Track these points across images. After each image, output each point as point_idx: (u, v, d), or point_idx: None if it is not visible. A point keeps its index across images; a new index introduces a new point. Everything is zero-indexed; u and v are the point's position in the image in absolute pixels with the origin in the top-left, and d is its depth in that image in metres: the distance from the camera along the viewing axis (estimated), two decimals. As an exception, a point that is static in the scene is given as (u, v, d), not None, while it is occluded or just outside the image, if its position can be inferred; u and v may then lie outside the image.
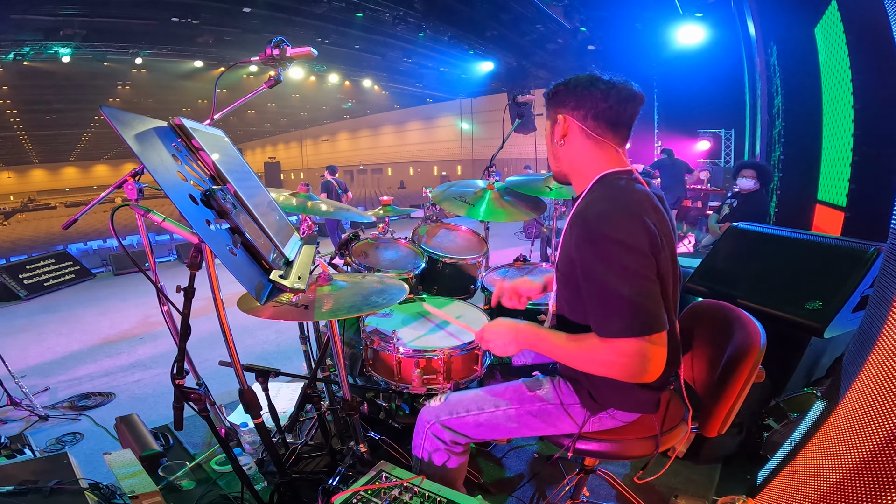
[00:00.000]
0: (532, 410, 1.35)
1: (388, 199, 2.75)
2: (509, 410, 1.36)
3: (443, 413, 1.38)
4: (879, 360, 1.27)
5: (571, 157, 1.29)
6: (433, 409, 1.40)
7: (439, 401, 1.41)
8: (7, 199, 28.51)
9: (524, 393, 1.38)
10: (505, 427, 1.36)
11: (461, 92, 18.42)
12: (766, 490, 1.72)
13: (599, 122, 1.22)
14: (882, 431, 1.12)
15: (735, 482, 2.00)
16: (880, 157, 2.97)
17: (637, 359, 1.07)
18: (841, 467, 1.25)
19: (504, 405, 1.36)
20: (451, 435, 1.36)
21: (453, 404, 1.39)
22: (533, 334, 1.27)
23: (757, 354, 1.24)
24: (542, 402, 1.36)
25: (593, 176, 1.25)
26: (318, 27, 9.87)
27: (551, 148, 1.33)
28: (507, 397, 1.38)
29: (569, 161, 1.30)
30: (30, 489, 1.52)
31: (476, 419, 1.36)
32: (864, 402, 1.27)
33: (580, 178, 1.29)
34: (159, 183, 0.92)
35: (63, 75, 12.29)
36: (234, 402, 2.77)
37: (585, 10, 9.20)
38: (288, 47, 1.70)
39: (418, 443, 1.41)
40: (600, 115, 1.21)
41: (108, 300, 5.93)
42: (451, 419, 1.36)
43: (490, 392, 1.41)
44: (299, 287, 1.17)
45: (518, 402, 1.36)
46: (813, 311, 2.01)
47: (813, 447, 1.52)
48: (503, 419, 1.36)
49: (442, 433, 1.36)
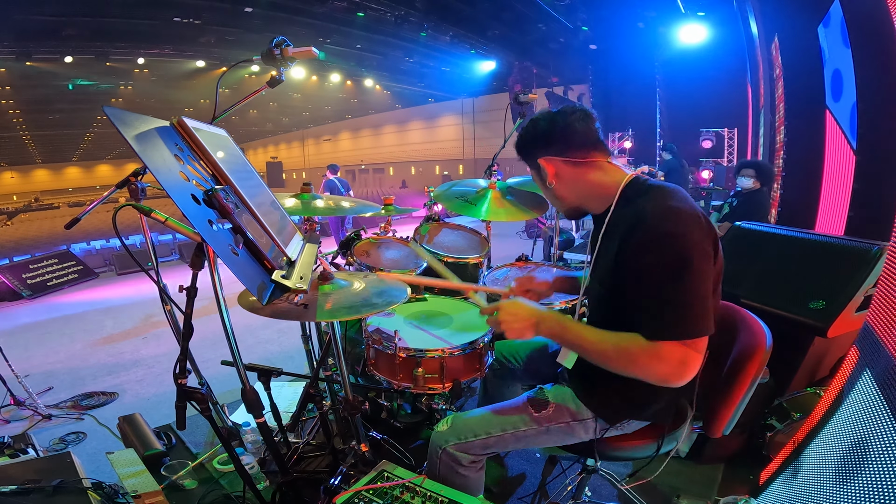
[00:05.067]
0: (540, 430, 1.35)
1: (391, 198, 2.75)
2: (517, 433, 1.35)
3: (451, 438, 1.37)
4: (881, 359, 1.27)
5: (574, 188, 1.30)
6: (441, 434, 1.39)
7: (446, 426, 1.40)
8: (10, 199, 28.60)
9: (531, 414, 1.36)
10: (514, 446, 1.37)
11: (463, 91, 18.41)
12: (769, 490, 1.71)
13: (578, 147, 1.26)
14: (885, 432, 1.12)
15: (737, 482, 1.99)
16: (884, 155, 2.96)
17: (677, 364, 1.06)
18: (843, 467, 1.24)
19: (511, 428, 1.35)
20: (464, 457, 1.35)
21: (460, 429, 1.38)
22: (559, 324, 1.22)
23: (763, 355, 1.23)
24: (550, 423, 1.35)
25: (611, 189, 1.25)
26: (320, 27, 9.87)
27: (549, 193, 1.35)
28: (513, 420, 1.36)
29: (574, 193, 1.31)
30: (33, 488, 1.52)
31: (484, 443, 1.35)
32: (867, 402, 1.27)
33: (598, 199, 1.28)
34: (161, 183, 0.92)
35: (65, 75, 12.32)
36: (237, 401, 2.79)
37: (587, 10, 9.18)
38: (290, 47, 1.70)
39: (434, 463, 1.39)
40: (576, 142, 1.25)
41: (110, 300, 5.95)
42: (460, 444, 1.35)
43: (496, 413, 1.39)
44: (301, 287, 1.17)
45: (525, 425, 1.35)
46: (816, 310, 2.00)
47: (816, 447, 1.52)
48: (512, 441, 1.35)
49: (453, 456, 1.36)
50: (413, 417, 2.30)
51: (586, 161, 1.26)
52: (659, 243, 1.08)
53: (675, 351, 1.05)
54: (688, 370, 1.06)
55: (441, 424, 1.42)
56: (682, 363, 1.05)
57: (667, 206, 1.12)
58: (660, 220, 1.09)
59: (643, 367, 1.08)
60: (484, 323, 1.93)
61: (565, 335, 1.22)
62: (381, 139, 28.52)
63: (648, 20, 8.77)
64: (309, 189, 2.11)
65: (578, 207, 1.34)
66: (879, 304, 1.45)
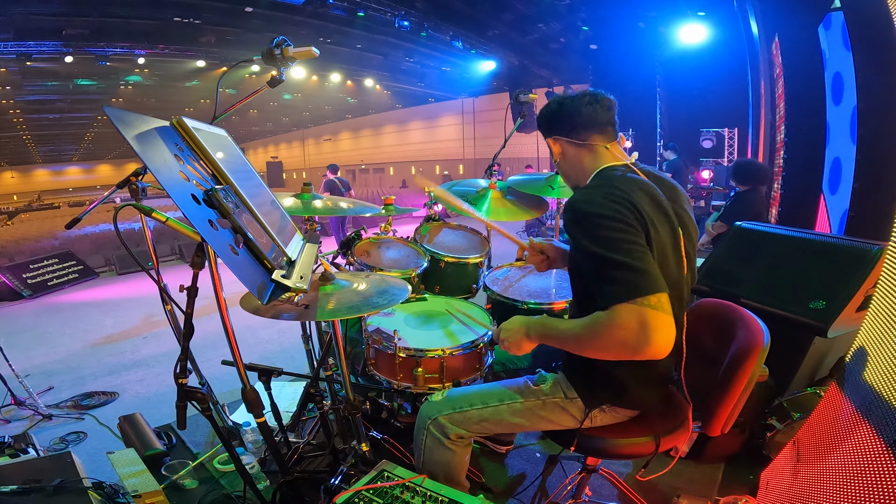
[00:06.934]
0: (536, 405, 1.36)
1: (391, 198, 2.75)
2: (514, 404, 1.36)
3: (445, 408, 1.38)
4: (882, 359, 1.27)
5: (572, 166, 1.40)
6: (434, 404, 1.41)
7: (440, 396, 1.42)
8: (11, 199, 28.60)
9: (528, 387, 1.39)
10: (508, 422, 1.37)
11: (463, 91, 18.40)
12: (769, 490, 1.71)
13: (579, 130, 1.35)
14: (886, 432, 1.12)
15: (738, 482, 1.99)
16: (884, 155, 2.96)
17: (637, 326, 1.05)
18: (844, 467, 1.25)
19: (508, 399, 1.37)
20: (454, 430, 1.36)
21: (455, 399, 1.40)
22: (541, 325, 1.28)
23: (760, 354, 1.23)
24: (546, 396, 1.36)
25: (591, 173, 1.34)
26: (320, 27, 9.87)
27: (558, 170, 1.49)
28: (510, 391, 1.39)
29: (572, 170, 1.41)
30: (33, 488, 1.52)
31: (480, 413, 1.36)
32: (867, 402, 1.27)
33: (584, 180, 1.37)
34: (161, 183, 0.92)
35: (66, 75, 12.33)
36: (237, 401, 2.79)
37: (587, 10, 9.17)
38: (290, 47, 1.70)
39: (419, 438, 1.41)
40: (579, 124, 1.34)
41: (111, 299, 5.95)
42: (454, 414, 1.37)
43: (493, 387, 1.42)
44: (301, 287, 1.17)
45: (522, 396, 1.37)
46: (816, 310, 2.00)
47: (816, 447, 1.52)
48: (507, 413, 1.36)
49: (443, 428, 1.37)
50: (413, 417, 2.29)
51: (585, 143, 1.35)
52: (574, 216, 1.18)
53: (630, 313, 1.05)
54: (653, 332, 1.04)
55: (435, 395, 1.43)
56: (642, 324, 1.04)
57: (593, 190, 1.23)
58: (577, 200, 1.20)
59: (607, 338, 1.09)
60: (483, 321, 1.95)
61: (548, 333, 1.27)
62: (381, 139, 28.52)
63: (649, 20, 8.76)
64: (309, 189, 2.12)
65: (577, 184, 1.42)
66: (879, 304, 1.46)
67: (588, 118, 1.33)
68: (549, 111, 1.40)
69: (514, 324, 1.33)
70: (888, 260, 1.44)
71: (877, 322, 1.42)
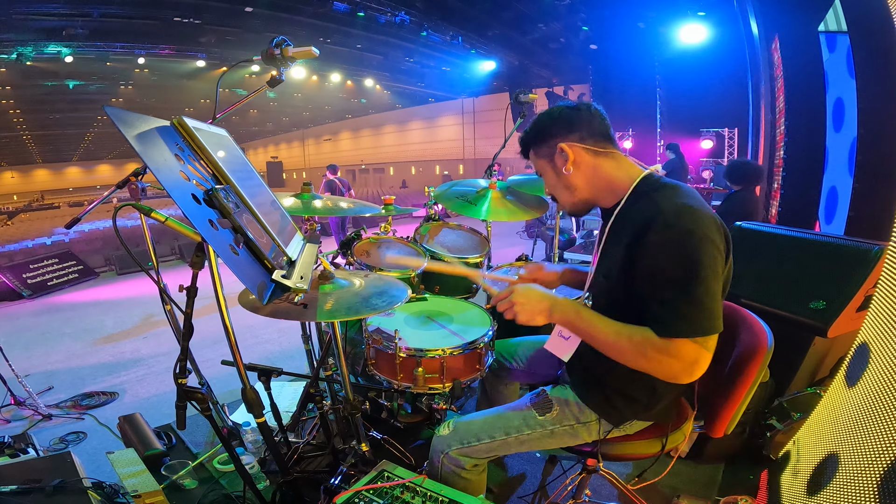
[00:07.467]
0: (544, 434, 1.35)
1: (391, 198, 2.75)
2: (521, 436, 1.35)
3: (454, 442, 1.36)
4: (882, 360, 1.27)
5: (590, 178, 1.28)
6: (443, 438, 1.39)
7: (448, 429, 1.40)
8: (11, 199, 28.60)
9: (534, 418, 1.36)
10: (517, 449, 1.37)
11: (463, 91, 18.40)
12: (769, 490, 1.71)
13: (598, 138, 1.26)
14: (887, 432, 1.12)
15: (738, 482, 1.99)
16: (884, 156, 2.96)
17: (689, 362, 1.06)
18: (844, 467, 1.24)
19: (514, 432, 1.35)
20: (467, 461, 1.35)
21: (462, 433, 1.37)
22: (574, 311, 1.21)
23: (765, 355, 1.24)
24: (554, 426, 1.34)
25: (624, 183, 1.25)
26: (321, 27, 9.87)
27: (560, 182, 1.31)
28: (516, 423, 1.36)
29: (589, 183, 1.29)
30: (33, 488, 1.52)
31: (489, 446, 1.35)
32: (868, 402, 1.27)
33: (610, 192, 1.28)
34: (162, 182, 0.92)
35: (66, 75, 12.33)
36: (237, 401, 2.79)
37: (587, 10, 9.17)
38: (290, 47, 1.70)
39: (435, 467, 1.39)
40: (596, 132, 1.26)
41: (111, 299, 5.95)
42: (463, 448, 1.35)
43: (499, 417, 1.39)
44: (302, 287, 1.17)
45: (529, 428, 1.35)
46: (816, 310, 2.00)
47: (815, 446, 1.52)
48: (515, 444, 1.35)
49: (456, 461, 1.36)
50: (413, 417, 2.30)
51: (605, 151, 1.26)
52: (678, 242, 1.07)
53: (688, 349, 1.06)
54: (698, 368, 1.07)
55: (442, 428, 1.42)
56: (695, 362, 1.06)
57: (683, 204, 1.11)
58: (678, 219, 1.08)
59: (655, 363, 1.09)
60: (484, 322, 1.94)
61: (578, 322, 1.20)
62: (381, 139, 28.53)
63: (649, 20, 8.77)
64: (309, 189, 2.11)
65: (588, 200, 1.32)
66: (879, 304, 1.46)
67: (603, 125, 1.27)
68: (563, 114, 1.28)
69: (535, 293, 1.24)
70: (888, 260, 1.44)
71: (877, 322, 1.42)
